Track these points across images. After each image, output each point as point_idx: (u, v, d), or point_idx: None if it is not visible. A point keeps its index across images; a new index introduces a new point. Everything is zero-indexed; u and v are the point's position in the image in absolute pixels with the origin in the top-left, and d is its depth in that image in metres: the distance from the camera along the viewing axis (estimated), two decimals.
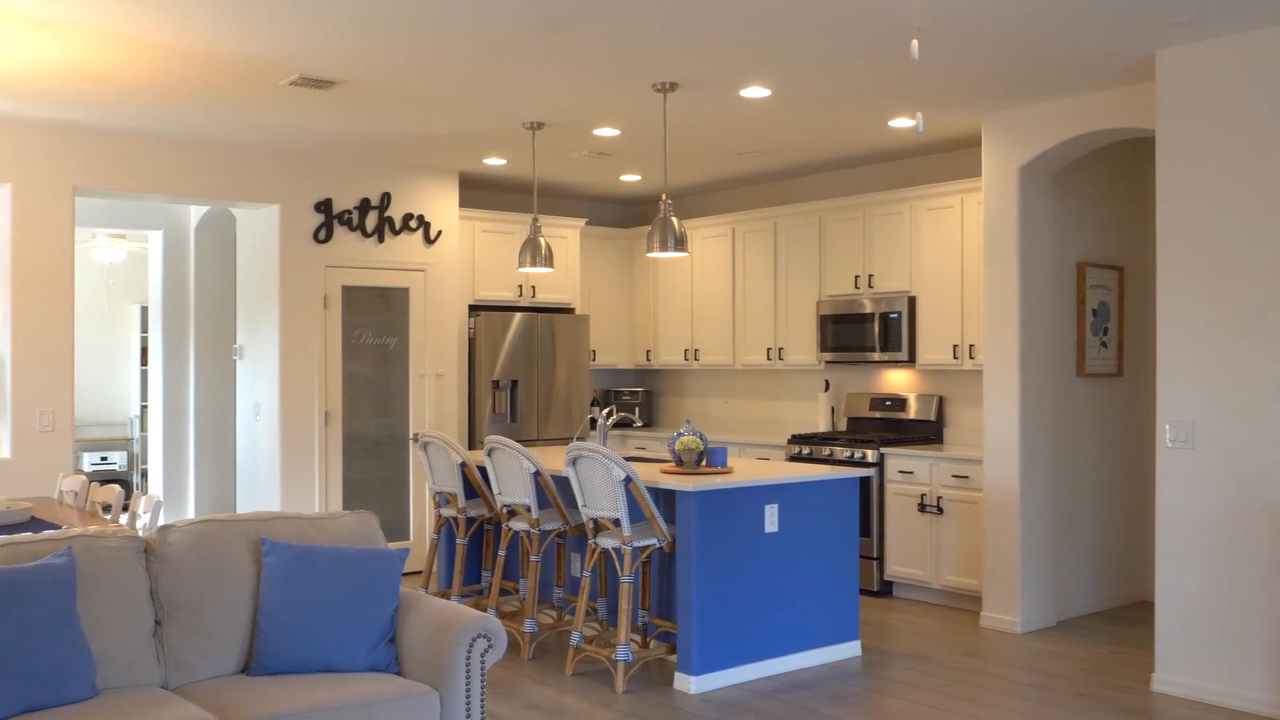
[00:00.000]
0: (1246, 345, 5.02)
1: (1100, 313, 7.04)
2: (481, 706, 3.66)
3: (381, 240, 8.09)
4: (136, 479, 11.64)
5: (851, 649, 5.94)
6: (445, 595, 6.58)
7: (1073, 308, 6.88)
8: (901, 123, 6.83)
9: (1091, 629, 6.55)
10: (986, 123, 6.62)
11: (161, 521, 5.58)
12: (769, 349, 8.55)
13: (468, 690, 3.63)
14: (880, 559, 7.38)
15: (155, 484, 8.97)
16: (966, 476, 6.89)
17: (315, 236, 7.81)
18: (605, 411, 6.71)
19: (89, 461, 11.46)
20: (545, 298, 8.97)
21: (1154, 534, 5.47)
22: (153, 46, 5.16)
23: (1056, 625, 6.63)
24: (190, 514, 8.82)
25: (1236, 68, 5.06)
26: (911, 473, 7.19)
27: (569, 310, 9.14)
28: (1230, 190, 5.09)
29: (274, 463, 7.73)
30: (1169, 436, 5.29)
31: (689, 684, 5.27)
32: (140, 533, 4.20)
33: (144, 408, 11.27)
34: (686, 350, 9.26)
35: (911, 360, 7.55)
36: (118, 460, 11.72)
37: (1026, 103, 6.33)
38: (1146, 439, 7.15)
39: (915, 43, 2.64)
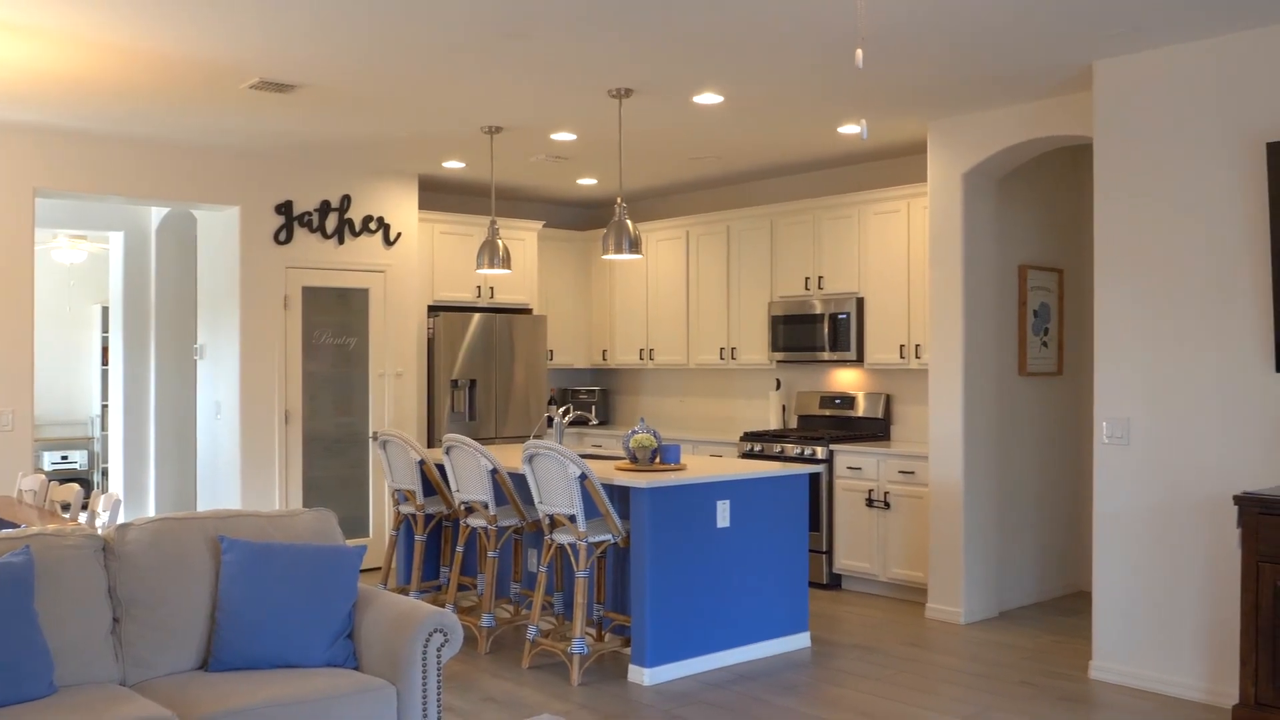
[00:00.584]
0: (1179, 345, 5.10)
1: (1041, 313, 7.12)
2: (438, 700, 3.65)
3: (341, 242, 8.03)
4: (97, 478, 11.47)
5: (801, 640, 5.97)
6: (404, 591, 6.54)
7: (1014, 309, 6.95)
8: (849, 129, 6.87)
9: (1032, 619, 6.62)
10: (931, 130, 6.67)
11: (121, 520, 5.51)
12: (722, 349, 8.57)
13: (424, 684, 3.61)
14: (829, 553, 7.42)
15: (116, 483, 8.85)
16: (912, 472, 6.95)
17: (276, 238, 7.73)
18: (562, 410, 6.70)
19: (49, 460, 11.28)
20: (503, 298, 8.94)
21: (1091, 527, 5.54)
22: (113, 50, 5.09)
23: (998, 616, 6.70)
24: (151, 512, 8.71)
25: (1169, 78, 5.13)
26: (860, 469, 7.24)
27: (527, 311, 9.12)
28: (1164, 195, 5.16)
29: (234, 461, 7.65)
30: (1105, 433, 5.36)
31: (643, 676, 5.28)
32: (99, 531, 4.14)
33: (105, 407, 11.11)
34: (642, 350, 9.27)
35: (860, 360, 7.60)
36: (78, 459, 11.54)
37: (970, 111, 6.39)
38: (1085, 435, 7.24)
39: (860, 52, 2.66)
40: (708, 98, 6.02)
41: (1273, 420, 4.78)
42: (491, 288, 8.87)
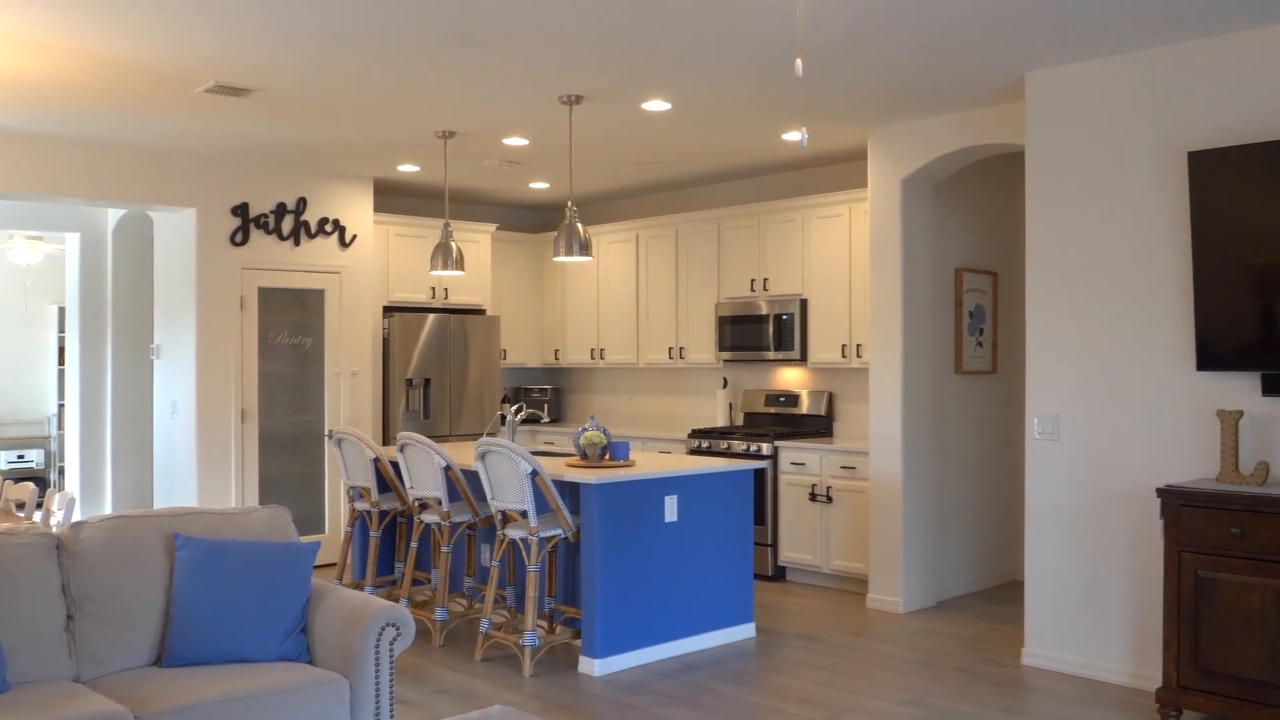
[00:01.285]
0: (1107, 345, 5.18)
1: (976, 315, 7.20)
2: (390, 693, 3.62)
3: (298, 244, 7.95)
4: (54, 477, 11.26)
5: (747, 630, 5.99)
6: (359, 586, 6.48)
7: (951, 310, 7.02)
8: (793, 136, 6.90)
9: (968, 608, 6.69)
10: (872, 137, 6.72)
11: (76, 518, 5.41)
12: (670, 348, 8.58)
13: (377, 677, 3.58)
14: (774, 545, 7.46)
15: (72, 481, 8.69)
16: (854, 467, 7.00)
17: (232, 239, 7.63)
18: (514, 408, 6.68)
19: (5, 460, 11.06)
20: (457, 299, 8.89)
21: (1024, 519, 5.61)
22: (67, 52, 5.00)
23: (936, 605, 6.76)
24: (107, 511, 8.56)
25: (1097, 89, 5.21)
26: (803, 464, 7.28)
27: (480, 311, 9.07)
28: (1092, 202, 5.24)
29: (191, 460, 7.54)
30: (1036, 429, 5.43)
31: (593, 666, 5.27)
32: (53, 530, 4.06)
33: (61, 406, 10.91)
34: (593, 349, 9.26)
35: (803, 359, 7.64)
36: (34, 458, 11.32)
37: (909, 119, 6.44)
38: (1017, 431, 7.33)
39: (799, 62, 2.67)
40: (656, 105, 6.03)
41: (1194, 417, 4.87)
42: (446, 289, 8.81)
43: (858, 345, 7.29)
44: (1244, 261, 4.58)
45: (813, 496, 7.21)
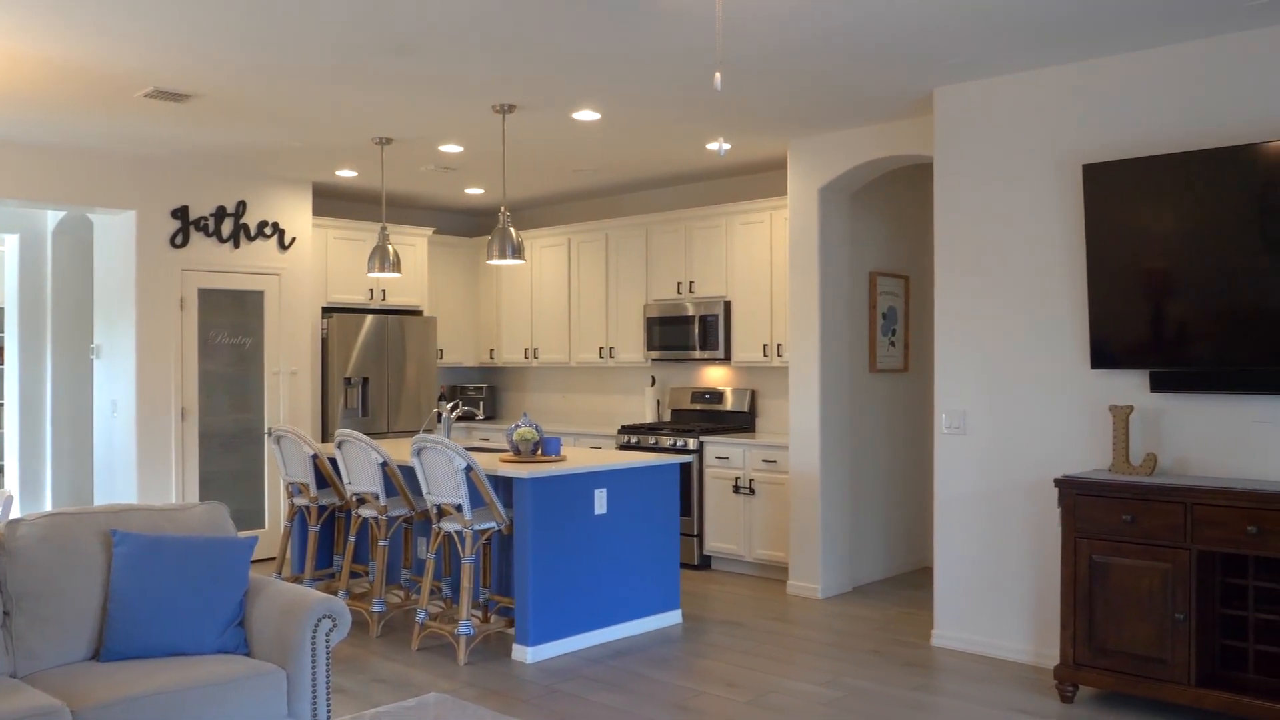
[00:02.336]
0: (1009, 344, 5.28)
1: (889, 316, 7.29)
2: (327, 682, 3.57)
3: (237, 246, 7.79)
4: None
5: (673, 617, 6.00)
6: (298, 579, 6.38)
7: (865, 312, 7.10)
8: (714, 146, 6.93)
9: (882, 593, 6.78)
10: (791, 148, 6.77)
11: (15, 516, 5.25)
12: (601, 348, 8.57)
13: (313, 668, 3.53)
14: (700, 536, 7.49)
15: (11, 480, 8.42)
16: (775, 461, 7.05)
17: (172, 241, 7.46)
18: (450, 406, 6.62)
19: None
20: (395, 300, 8.79)
21: (934, 509, 5.69)
22: (3, 55, 4.84)
23: (852, 590, 6.84)
24: (47, 509, 8.32)
25: (1000, 104, 5.31)
26: (727, 458, 7.31)
27: (417, 312, 8.98)
28: (996, 210, 5.33)
29: (131, 457, 7.36)
30: (944, 424, 5.52)
31: (526, 654, 5.25)
32: None
33: (0, 405, 10.57)
34: (526, 349, 9.21)
35: (727, 358, 7.68)
36: None
37: (826, 131, 6.50)
38: (928, 426, 7.45)
39: (718, 75, 2.68)
40: (586, 114, 6.01)
41: (1089, 411, 4.99)
42: (383, 290, 8.71)
43: (778, 345, 7.35)
44: (1134, 267, 4.69)
45: (736, 489, 7.25)
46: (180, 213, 7.49)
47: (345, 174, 7.87)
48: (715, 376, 8.17)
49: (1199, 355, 4.53)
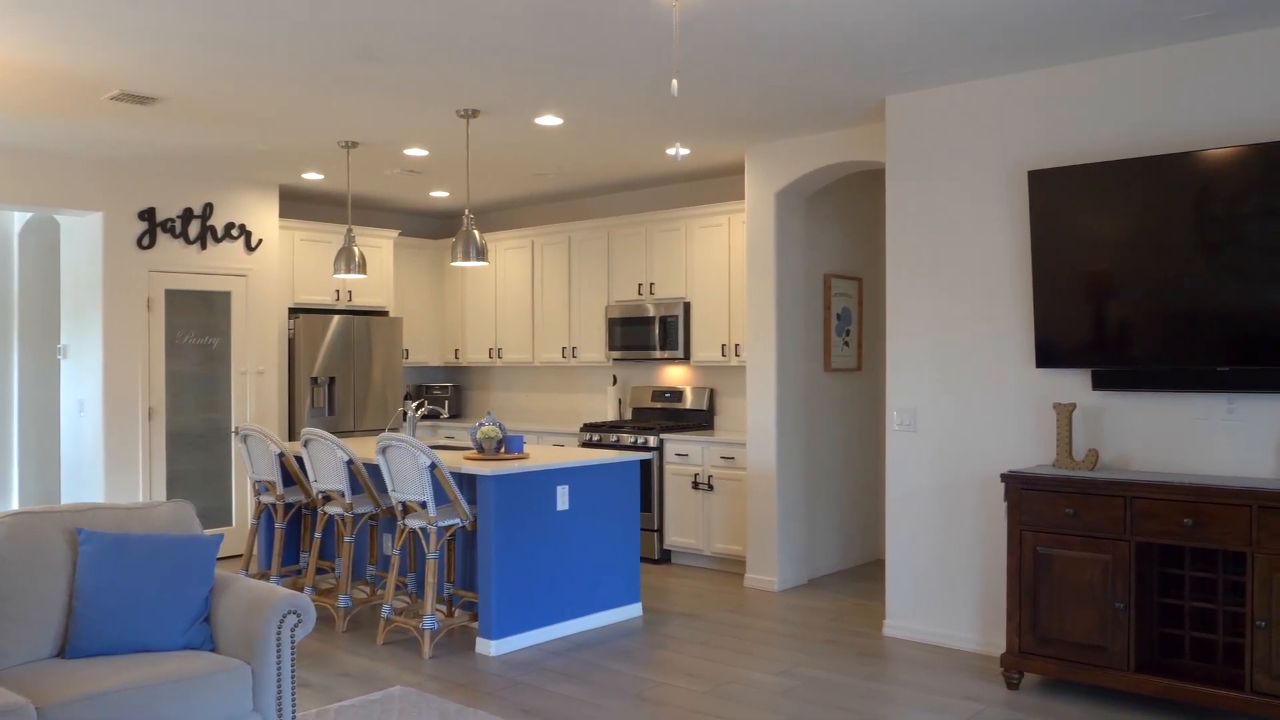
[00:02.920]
0: (959, 344, 5.33)
1: (843, 317, 7.34)
2: (292, 677, 3.53)
3: (204, 247, 7.70)
4: None
5: (634, 610, 6.00)
6: (264, 576, 6.31)
7: (820, 313, 7.14)
8: (672, 151, 6.94)
9: (836, 585, 6.82)
10: (749, 154, 6.80)
11: None
12: (564, 348, 8.56)
13: (278, 663, 3.48)
14: (660, 530, 7.49)
15: None
16: (733, 458, 7.07)
17: (139, 243, 7.36)
18: (415, 405, 6.58)
19: None
20: (361, 301, 8.72)
21: (885, 503, 5.73)
22: None
23: (807, 583, 6.88)
24: (14, 508, 8.17)
25: (949, 112, 5.36)
26: (687, 455, 7.33)
27: (383, 313, 8.92)
28: (945, 214, 5.38)
29: (98, 456, 7.25)
30: (896, 421, 5.56)
31: (489, 647, 5.22)
32: None
33: None
34: (491, 349, 9.18)
35: (687, 357, 7.69)
36: None
37: (782, 137, 6.53)
38: (880, 423, 7.50)
39: (675, 82, 2.68)
40: (548, 120, 6.00)
41: (1034, 409, 5.05)
42: (350, 291, 8.64)
43: (736, 345, 7.37)
44: (1077, 270, 4.76)
45: (695, 485, 7.26)
46: (147, 214, 7.39)
47: (311, 177, 7.80)
48: (675, 376, 8.18)
49: (1139, 355, 4.60)
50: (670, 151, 6.93)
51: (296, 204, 8.90)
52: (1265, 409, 4.41)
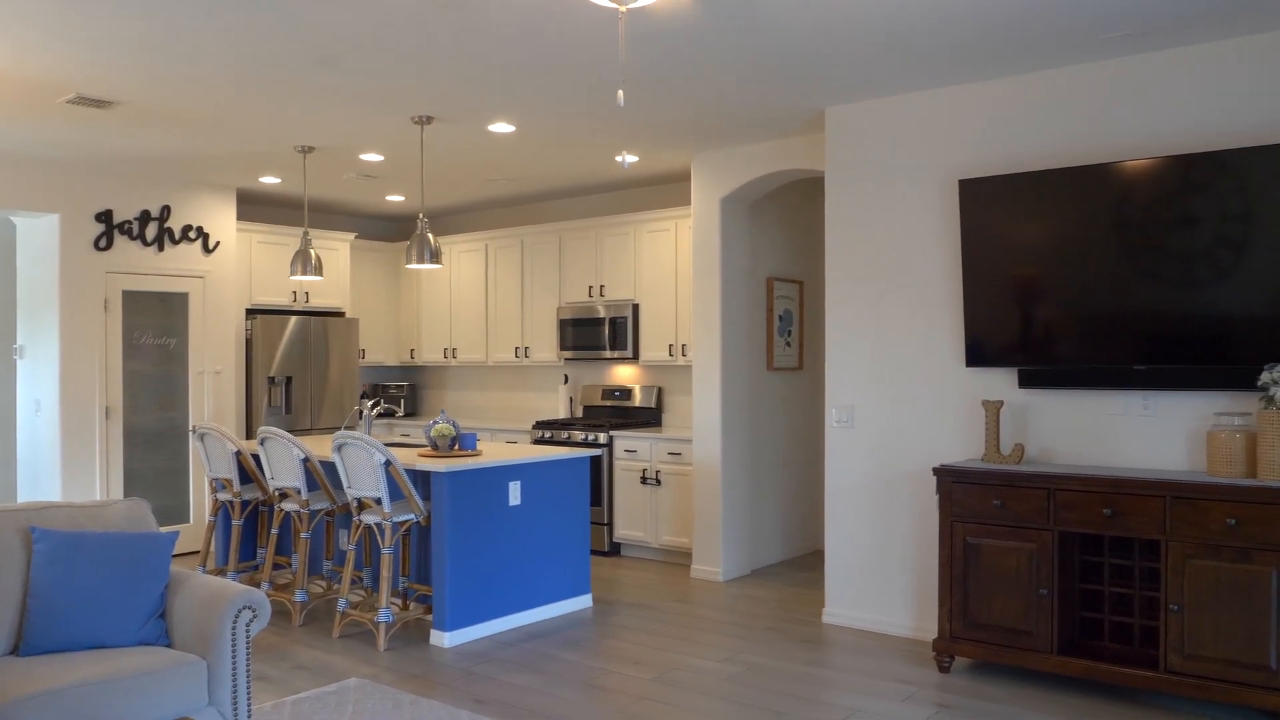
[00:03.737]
0: (894, 344, 5.38)
1: (785, 318, 7.38)
2: (247, 671, 3.47)
3: (161, 249, 7.55)
4: None
5: (584, 601, 5.99)
6: (221, 572, 6.20)
7: (763, 314, 7.18)
8: (620, 158, 6.94)
9: (778, 575, 6.86)
10: (695, 161, 6.81)
11: None
12: (517, 348, 8.51)
13: (233, 657, 3.42)
14: (610, 524, 7.49)
15: None
16: (680, 454, 7.08)
17: (96, 244, 7.19)
18: (371, 403, 6.51)
19: None
20: (318, 302, 8.61)
21: (824, 496, 5.77)
22: None
23: (751, 573, 6.91)
24: None
25: (886, 123, 5.41)
26: (635, 451, 7.33)
27: (340, 314, 8.81)
28: (881, 221, 5.43)
29: (55, 456, 7.07)
30: (834, 418, 5.60)
31: (443, 639, 5.18)
32: None
33: None
34: (446, 349, 9.11)
35: (636, 357, 7.69)
36: None
37: (727, 146, 6.55)
38: (820, 420, 7.56)
39: (620, 93, 2.68)
40: (501, 127, 5.96)
41: (964, 406, 5.11)
42: (307, 293, 8.52)
43: (683, 345, 7.38)
44: (1004, 274, 4.83)
45: (644, 480, 7.27)
46: (104, 216, 7.23)
47: (269, 180, 7.68)
48: (624, 375, 8.17)
49: (1062, 355, 4.68)
50: (619, 159, 6.92)
51: (254, 207, 8.76)
52: (1178, 405, 4.51)
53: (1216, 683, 3.99)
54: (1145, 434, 4.59)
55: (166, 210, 7.56)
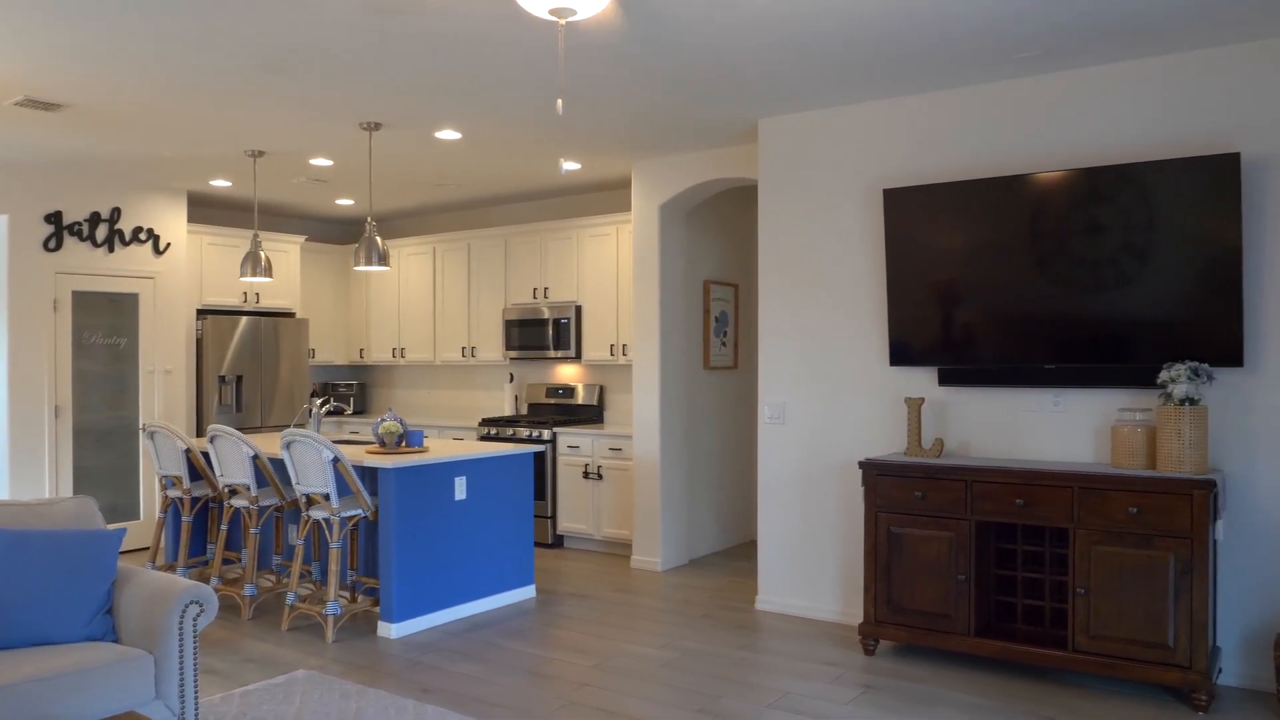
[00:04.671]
0: (823, 345, 5.43)
1: (721, 320, 7.41)
2: (195, 665, 3.39)
3: (112, 250, 7.34)
4: None
5: (528, 592, 5.96)
6: (171, 568, 6.06)
7: (700, 316, 7.20)
8: (568, 166, 6.91)
9: (714, 564, 6.88)
10: (635, 169, 6.81)
11: None
12: (464, 347, 8.44)
13: (180, 651, 3.34)
14: (553, 517, 7.46)
15: None
16: (621, 449, 7.08)
17: (45, 245, 6.98)
18: (320, 401, 6.40)
19: None
20: (268, 303, 8.44)
21: (757, 489, 5.81)
22: None
23: (688, 563, 6.93)
24: None
25: (815, 135, 5.46)
26: (578, 447, 7.30)
27: (290, 314, 8.65)
28: (811, 228, 5.48)
29: (2, 454, 6.84)
30: (767, 415, 5.64)
31: (390, 630, 5.12)
32: None
33: None
34: (394, 349, 9.00)
35: (579, 357, 7.67)
36: None
37: (665, 155, 6.56)
38: (753, 417, 7.60)
39: (560, 102, 2.66)
40: (448, 134, 5.90)
41: (888, 403, 5.18)
42: (257, 294, 8.36)
43: (624, 345, 7.38)
44: (925, 279, 4.90)
45: (586, 475, 7.25)
46: (54, 217, 7.01)
47: (219, 184, 7.52)
48: (568, 373, 8.14)
49: (979, 355, 4.76)
50: (573, 165, 6.89)
51: (205, 209, 8.57)
52: (1086, 402, 4.61)
53: (1121, 661, 4.09)
54: (1056, 429, 4.69)
55: (117, 212, 7.37)
